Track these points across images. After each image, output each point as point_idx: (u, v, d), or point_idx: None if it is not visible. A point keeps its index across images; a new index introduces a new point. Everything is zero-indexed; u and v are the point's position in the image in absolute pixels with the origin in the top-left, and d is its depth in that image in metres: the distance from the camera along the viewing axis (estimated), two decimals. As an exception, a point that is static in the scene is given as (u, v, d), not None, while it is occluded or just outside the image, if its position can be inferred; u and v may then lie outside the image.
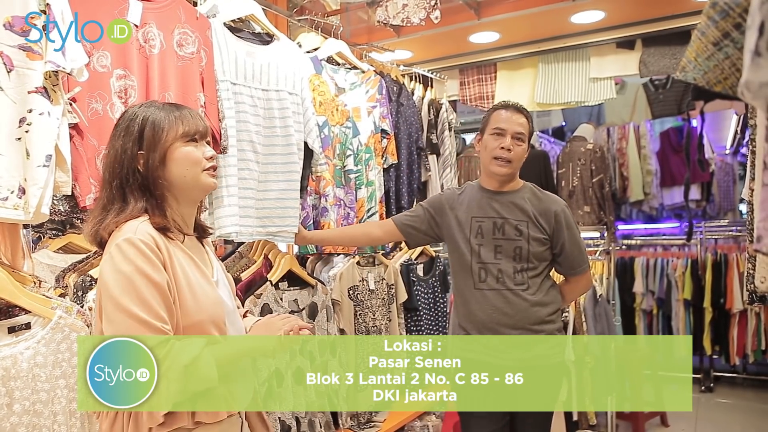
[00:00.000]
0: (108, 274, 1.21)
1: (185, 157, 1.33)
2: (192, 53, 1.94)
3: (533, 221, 2.06)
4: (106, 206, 1.31)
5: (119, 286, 1.18)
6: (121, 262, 1.20)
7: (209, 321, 1.31)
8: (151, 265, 1.22)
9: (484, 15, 3.55)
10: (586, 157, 4.13)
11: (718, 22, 1.02)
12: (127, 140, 1.31)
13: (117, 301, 1.18)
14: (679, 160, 5.63)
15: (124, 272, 1.19)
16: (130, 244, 1.21)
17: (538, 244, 2.05)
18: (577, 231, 2.13)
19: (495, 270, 2.06)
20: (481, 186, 2.17)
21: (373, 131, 2.79)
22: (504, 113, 2.11)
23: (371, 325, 2.73)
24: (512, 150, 2.05)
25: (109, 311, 1.19)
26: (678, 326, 4.95)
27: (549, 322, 2.08)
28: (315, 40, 2.73)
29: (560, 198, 2.17)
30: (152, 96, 1.81)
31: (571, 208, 4.12)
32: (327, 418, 2.37)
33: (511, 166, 2.07)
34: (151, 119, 1.32)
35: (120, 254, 1.21)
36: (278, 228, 2.22)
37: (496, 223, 2.08)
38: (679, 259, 5.04)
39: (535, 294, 2.05)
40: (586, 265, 2.15)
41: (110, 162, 1.32)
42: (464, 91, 4.24)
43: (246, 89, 2.15)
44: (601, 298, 3.32)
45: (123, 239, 1.22)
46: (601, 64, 3.90)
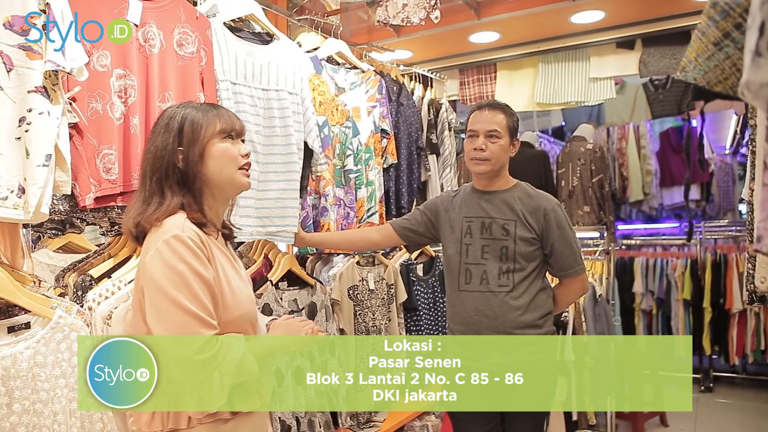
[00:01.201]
0: (157, 269, 1.23)
1: (222, 153, 1.38)
2: (192, 53, 1.94)
3: (521, 220, 2.02)
4: (147, 200, 1.35)
5: (172, 282, 1.22)
6: (172, 258, 1.23)
7: (245, 318, 1.38)
8: (201, 261, 1.26)
9: (484, 15, 3.55)
10: (585, 157, 4.13)
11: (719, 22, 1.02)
12: (167, 136, 1.36)
13: (171, 296, 1.21)
14: (678, 160, 5.63)
15: (176, 268, 1.23)
16: (179, 241, 1.25)
17: (526, 244, 2.02)
18: (571, 231, 2.08)
19: (480, 271, 2.04)
20: (473, 187, 2.17)
21: (373, 131, 2.79)
22: (477, 114, 2.11)
23: (371, 324, 2.73)
24: (486, 149, 2.05)
25: (161, 306, 1.22)
26: (677, 326, 4.95)
27: (534, 326, 2.02)
28: (315, 40, 2.73)
29: (553, 197, 2.13)
30: (152, 96, 1.81)
31: (571, 208, 4.12)
32: (326, 417, 2.37)
33: (489, 163, 2.05)
34: (190, 117, 1.37)
35: (170, 250, 1.24)
36: (278, 228, 2.22)
37: (484, 222, 2.06)
38: (679, 259, 5.04)
39: (520, 297, 2.01)
40: (580, 268, 2.07)
41: (150, 157, 1.37)
42: (464, 91, 4.24)
43: (246, 89, 2.15)
44: (601, 298, 3.32)
45: (171, 236, 1.25)
46: (601, 64, 3.90)
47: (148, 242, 1.30)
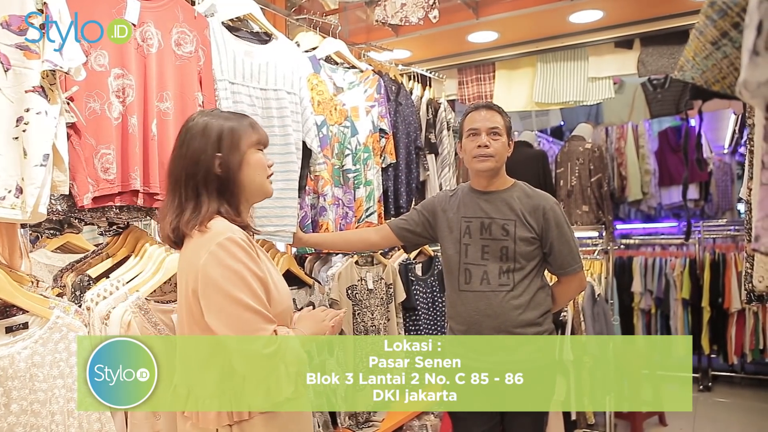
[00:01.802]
0: (215, 271, 1.30)
1: (257, 162, 1.48)
2: (190, 52, 1.93)
3: (521, 220, 2.04)
4: (182, 205, 1.40)
5: (232, 282, 1.29)
6: (229, 259, 1.30)
7: (287, 312, 1.48)
8: (254, 261, 1.35)
9: (483, 14, 3.54)
10: (584, 156, 4.12)
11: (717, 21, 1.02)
12: (205, 143, 1.41)
13: (233, 295, 1.29)
14: (677, 159, 5.63)
15: (234, 269, 1.30)
16: (233, 243, 1.32)
17: (526, 244, 2.03)
18: (569, 230, 2.09)
19: (480, 271, 2.05)
20: (471, 187, 2.18)
21: (372, 131, 2.79)
22: (474, 114, 2.13)
23: (370, 324, 2.73)
24: (490, 145, 2.07)
25: (224, 306, 1.29)
26: (676, 326, 4.95)
27: (534, 324, 2.04)
28: (313, 40, 2.73)
29: (551, 196, 2.14)
30: (150, 96, 1.81)
31: (570, 207, 4.12)
32: (325, 417, 2.37)
33: (493, 160, 2.07)
34: (228, 125, 1.44)
35: (225, 252, 1.31)
36: (276, 227, 2.22)
37: (483, 223, 2.08)
38: (678, 258, 5.04)
39: (521, 296, 2.02)
40: (578, 266, 2.10)
41: (185, 163, 1.42)
42: (463, 91, 4.23)
43: (244, 88, 2.15)
44: (600, 297, 3.32)
45: (225, 238, 1.32)
46: (600, 64, 3.90)
47: (195, 246, 1.35)
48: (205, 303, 1.31)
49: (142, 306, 1.65)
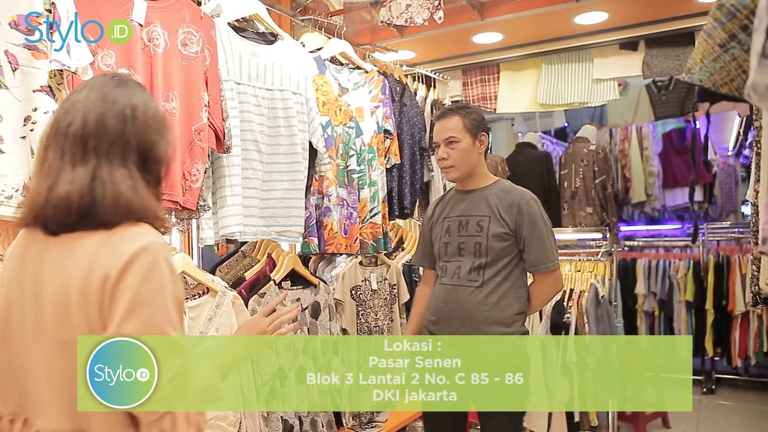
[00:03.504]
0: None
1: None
2: (196, 53, 1.94)
3: (495, 216, 2.05)
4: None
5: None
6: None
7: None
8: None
9: (488, 15, 3.54)
10: (588, 158, 4.12)
11: (725, 24, 1.01)
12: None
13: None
14: (681, 161, 5.62)
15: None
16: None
17: (498, 240, 2.03)
18: (545, 227, 2.06)
19: (455, 266, 2.08)
20: (455, 189, 2.22)
21: (376, 131, 2.79)
22: (435, 126, 2.15)
23: (373, 325, 2.73)
24: (448, 156, 2.09)
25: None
26: (680, 328, 4.94)
27: (502, 324, 2.03)
28: (318, 40, 2.73)
29: (530, 192, 2.12)
30: (157, 95, 1.81)
31: (574, 209, 4.12)
32: (329, 417, 2.37)
33: (455, 169, 2.10)
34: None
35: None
36: (282, 227, 2.22)
37: (461, 221, 2.10)
38: (681, 260, 5.02)
39: (489, 294, 2.02)
40: (552, 264, 2.06)
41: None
42: (467, 92, 4.23)
43: (250, 89, 2.15)
44: (603, 299, 3.31)
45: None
46: (604, 65, 3.90)
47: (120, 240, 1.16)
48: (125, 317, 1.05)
49: None
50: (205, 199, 2.00)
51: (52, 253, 1.07)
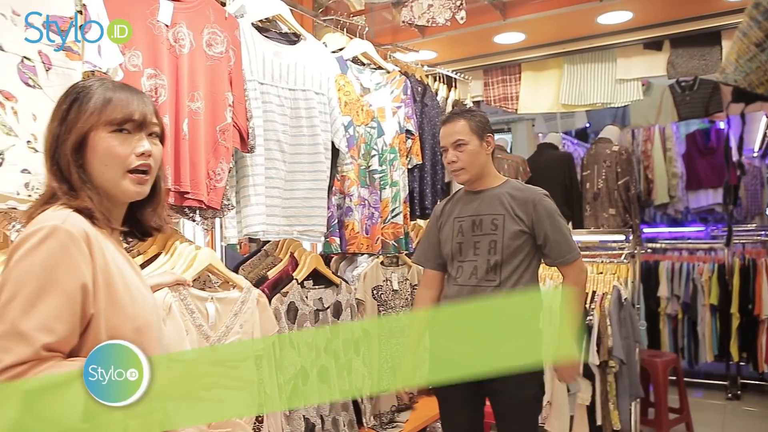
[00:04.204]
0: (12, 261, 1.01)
1: (105, 150, 1.08)
2: (221, 53, 1.95)
3: (510, 214, 2.06)
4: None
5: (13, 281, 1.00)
6: (33, 253, 0.99)
7: (146, 328, 1.12)
8: (75, 263, 1.01)
9: (510, 15, 3.52)
10: (611, 159, 4.07)
11: (762, 23, 0.99)
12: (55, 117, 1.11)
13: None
14: (705, 162, 5.54)
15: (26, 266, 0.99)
16: (55, 233, 1.00)
17: (514, 237, 2.04)
18: (562, 220, 2.10)
19: (471, 266, 2.08)
20: (465, 190, 2.22)
21: (398, 131, 2.79)
22: (442, 130, 2.17)
23: (395, 325, 2.73)
24: (457, 160, 2.10)
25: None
26: (704, 332, 4.86)
27: (518, 321, 2.06)
28: (340, 40, 2.74)
29: (541, 189, 2.15)
30: (182, 95, 1.83)
31: (596, 210, 4.07)
32: (350, 417, 2.38)
33: (465, 171, 2.11)
34: (89, 91, 1.11)
35: (34, 241, 0.99)
36: (305, 227, 2.23)
37: (474, 221, 2.11)
38: (706, 263, 4.94)
39: (509, 293, 2.04)
40: (576, 253, 2.09)
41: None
42: (488, 92, 4.21)
43: (273, 89, 2.16)
44: (626, 302, 3.27)
45: (48, 226, 1.01)
46: (628, 65, 3.85)
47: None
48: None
49: (181, 292, 1.70)
50: (229, 199, 2.01)
51: None
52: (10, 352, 0.93)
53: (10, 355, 0.93)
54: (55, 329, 0.96)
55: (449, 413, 2.19)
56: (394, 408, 2.68)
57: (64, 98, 1.12)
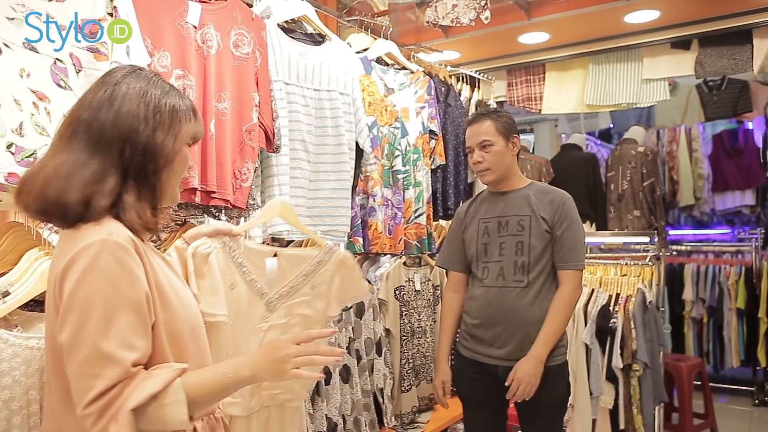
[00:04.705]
0: (74, 285, 0.97)
1: (183, 161, 1.12)
2: (247, 53, 1.97)
3: (536, 215, 2.06)
4: (105, 173, 1.04)
5: (88, 306, 0.96)
6: (94, 272, 0.97)
7: (195, 331, 1.14)
8: (133, 275, 1.00)
9: (535, 15, 3.49)
10: (636, 160, 4.02)
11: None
12: (144, 112, 1.06)
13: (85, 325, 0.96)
14: (732, 164, 5.44)
15: (95, 287, 0.97)
16: (113, 247, 0.98)
17: (540, 238, 2.04)
18: (580, 229, 2.09)
19: (497, 267, 2.08)
20: (489, 191, 2.22)
21: (422, 132, 2.79)
22: (468, 131, 2.17)
23: (416, 325, 2.73)
24: (483, 160, 2.10)
25: (75, 335, 0.96)
26: (730, 336, 4.77)
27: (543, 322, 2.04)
28: (365, 41, 2.74)
29: (567, 193, 2.13)
30: (209, 96, 1.85)
31: (620, 212, 4.03)
32: (372, 417, 2.38)
33: (491, 172, 2.11)
34: (168, 101, 1.08)
35: (92, 261, 0.97)
36: (329, 227, 2.24)
37: (500, 222, 2.11)
38: (732, 266, 4.85)
39: (537, 294, 2.04)
40: (580, 264, 2.05)
41: (115, 126, 1.05)
42: (512, 92, 4.18)
43: (298, 89, 2.18)
44: (651, 304, 3.22)
45: (98, 240, 0.98)
46: (655, 65, 3.79)
47: (66, 243, 1.03)
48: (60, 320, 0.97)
49: (226, 243, 1.54)
50: (254, 198, 2.03)
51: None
52: (101, 377, 0.92)
53: (102, 380, 0.92)
54: (135, 344, 0.96)
55: (473, 415, 2.19)
56: (415, 408, 2.68)
57: (143, 94, 1.05)
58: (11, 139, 1.34)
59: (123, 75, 1.08)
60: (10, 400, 1.27)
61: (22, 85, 1.37)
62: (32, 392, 1.30)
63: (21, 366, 1.29)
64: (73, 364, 0.94)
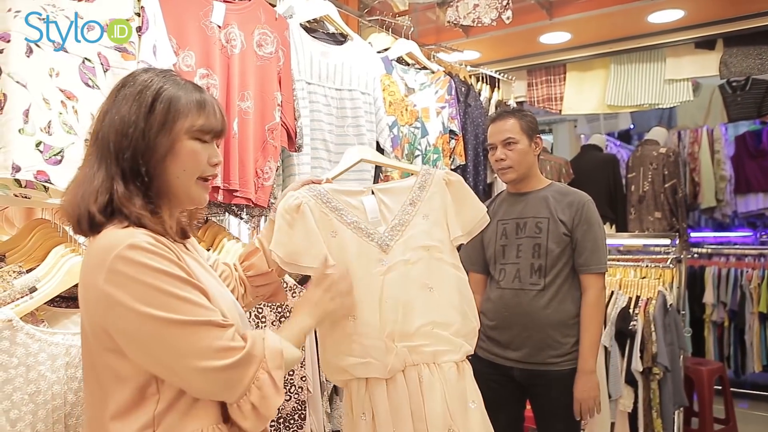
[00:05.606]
0: (124, 293, 0.94)
1: (189, 156, 1.05)
2: (271, 53, 1.98)
3: (554, 218, 2.04)
4: (112, 181, 1.03)
5: (152, 302, 0.95)
6: (140, 274, 0.95)
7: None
8: (173, 263, 0.99)
9: (557, 15, 3.47)
10: (658, 161, 3.98)
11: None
12: (137, 109, 1.02)
13: (159, 318, 0.94)
14: (755, 165, 5.36)
15: (149, 283, 0.95)
16: (137, 250, 0.96)
17: (557, 241, 2.02)
18: (600, 229, 2.07)
19: (514, 269, 2.07)
20: (508, 191, 2.21)
21: (442, 132, 2.78)
22: (491, 128, 2.16)
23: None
24: (506, 158, 2.09)
25: (151, 336, 0.96)
26: (752, 340, 4.70)
27: (564, 325, 2.04)
28: (385, 40, 2.75)
29: (587, 194, 2.11)
30: (232, 95, 1.86)
31: (641, 213, 3.99)
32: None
33: (513, 170, 2.10)
34: (167, 91, 1.04)
35: (131, 265, 0.95)
36: (349, 226, 2.24)
37: (518, 223, 2.10)
38: (755, 269, 4.78)
39: (553, 297, 2.03)
40: (603, 267, 2.04)
41: (114, 131, 1.03)
42: (532, 93, 4.16)
43: (320, 88, 2.18)
44: (672, 307, 3.19)
45: (126, 246, 0.96)
46: (678, 65, 3.74)
47: (92, 258, 1.00)
48: (125, 340, 0.96)
49: (313, 189, 1.48)
50: (276, 197, 2.04)
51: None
52: (235, 339, 1.01)
53: (237, 341, 1.01)
54: (215, 313, 1.01)
55: (489, 416, 2.18)
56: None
57: (138, 94, 1.03)
58: (40, 138, 1.36)
59: (125, 80, 1.08)
60: (35, 394, 1.29)
61: (51, 85, 1.39)
62: (56, 387, 1.32)
63: (47, 361, 1.31)
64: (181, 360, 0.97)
